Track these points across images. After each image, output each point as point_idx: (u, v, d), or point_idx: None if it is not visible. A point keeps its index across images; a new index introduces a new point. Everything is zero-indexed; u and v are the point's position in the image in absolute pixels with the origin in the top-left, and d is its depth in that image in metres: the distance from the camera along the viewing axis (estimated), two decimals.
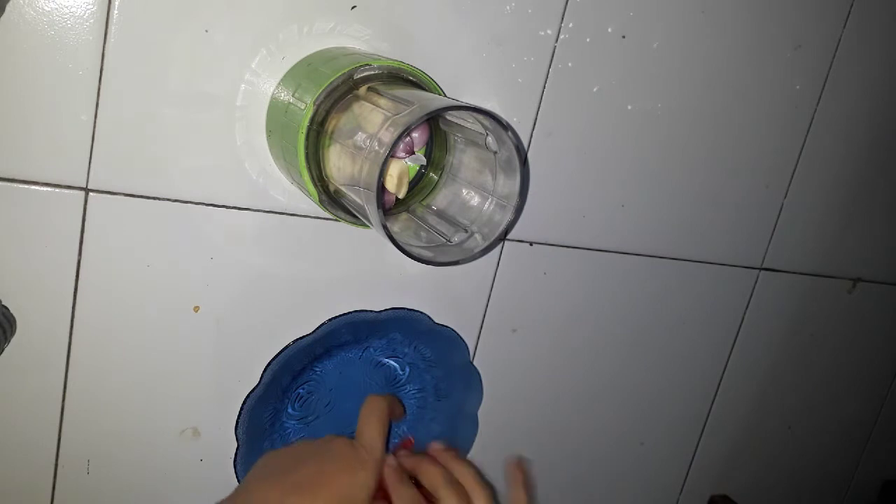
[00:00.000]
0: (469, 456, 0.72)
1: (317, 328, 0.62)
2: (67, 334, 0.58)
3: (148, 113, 0.55)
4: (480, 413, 0.72)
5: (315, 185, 0.51)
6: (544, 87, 0.67)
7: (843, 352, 1.00)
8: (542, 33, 0.66)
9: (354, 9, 0.58)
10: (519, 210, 0.50)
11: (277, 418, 0.65)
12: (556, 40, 0.67)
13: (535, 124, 0.68)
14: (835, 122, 0.84)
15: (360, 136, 0.47)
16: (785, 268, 0.89)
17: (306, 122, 0.49)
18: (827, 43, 0.80)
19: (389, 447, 0.69)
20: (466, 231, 0.52)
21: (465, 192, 0.55)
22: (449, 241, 0.52)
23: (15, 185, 0.53)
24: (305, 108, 0.50)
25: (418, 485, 0.57)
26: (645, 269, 0.80)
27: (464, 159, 0.56)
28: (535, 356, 0.78)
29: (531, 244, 0.73)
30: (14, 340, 0.56)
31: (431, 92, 0.53)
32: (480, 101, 0.65)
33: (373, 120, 0.47)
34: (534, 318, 0.76)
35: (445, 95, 0.56)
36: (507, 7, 0.63)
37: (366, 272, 0.66)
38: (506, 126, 0.47)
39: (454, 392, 0.71)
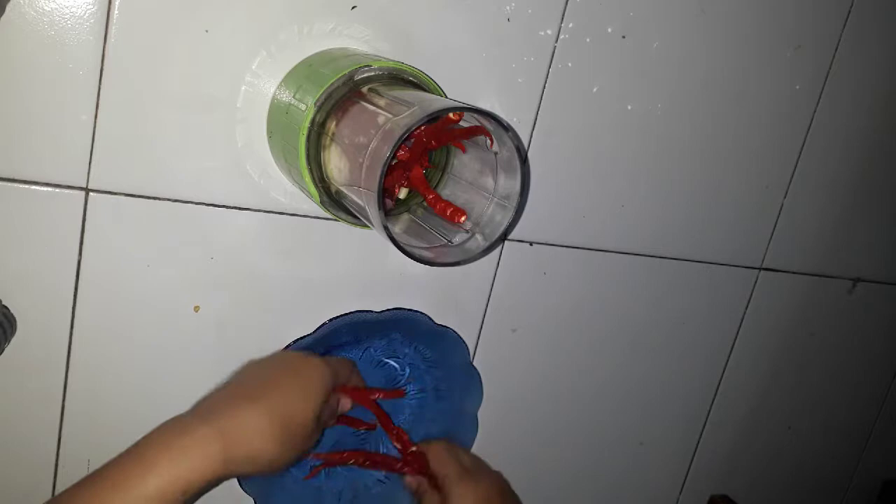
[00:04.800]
0: None
1: (317, 328, 0.62)
2: (67, 334, 0.58)
3: (148, 113, 0.55)
4: (480, 413, 0.72)
5: (316, 186, 0.51)
6: (544, 87, 0.67)
7: (843, 352, 1.00)
8: (542, 33, 0.66)
9: (354, 9, 0.58)
10: (519, 210, 0.50)
11: None
12: (556, 40, 0.67)
13: (535, 124, 0.68)
14: (835, 122, 0.84)
15: (360, 138, 0.47)
16: (785, 268, 0.89)
17: (307, 124, 0.49)
18: (827, 43, 0.80)
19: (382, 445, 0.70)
20: (467, 232, 0.52)
21: (465, 192, 0.55)
22: (450, 241, 0.52)
23: (15, 185, 0.53)
24: (306, 109, 0.50)
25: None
26: (645, 269, 0.80)
27: (464, 160, 0.56)
28: (535, 356, 0.78)
29: (531, 244, 0.73)
30: (14, 340, 0.55)
31: (432, 93, 0.53)
32: (480, 101, 0.65)
33: (374, 121, 0.47)
34: (534, 318, 0.76)
35: (446, 96, 0.56)
36: (508, 7, 0.63)
37: (366, 273, 0.66)
38: (506, 126, 0.47)
39: (454, 392, 0.71)
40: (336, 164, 0.50)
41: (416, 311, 0.66)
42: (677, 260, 0.81)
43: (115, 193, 0.56)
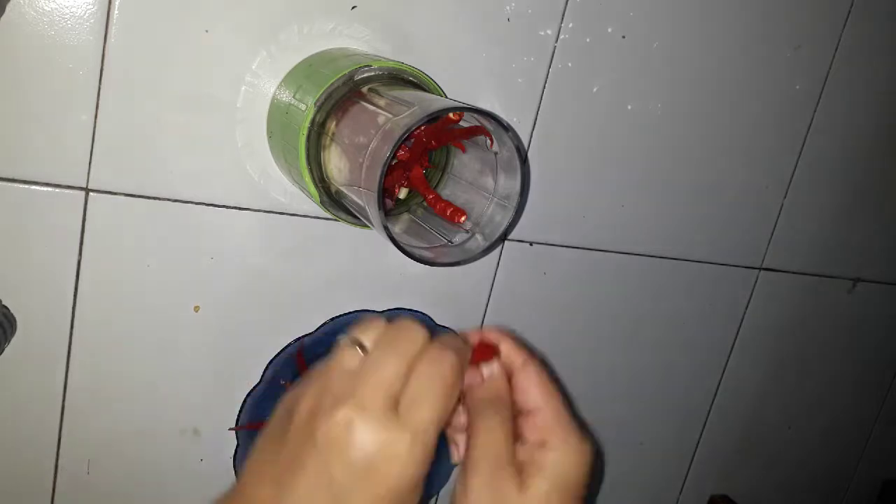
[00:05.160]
0: None
1: (318, 328, 0.62)
2: (67, 334, 0.58)
3: (148, 113, 0.55)
4: None
5: (316, 186, 0.51)
6: (544, 87, 0.67)
7: (843, 352, 1.00)
8: (542, 33, 0.66)
9: (355, 9, 0.58)
10: (519, 210, 0.50)
11: None
12: (556, 40, 0.67)
13: (535, 124, 0.68)
14: (835, 122, 0.84)
15: (360, 138, 0.47)
16: (785, 268, 0.89)
17: (307, 124, 0.49)
18: (827, 43, 0.80)
19: None
20: (467, 231, 0.52)
21: (465, 192, 0.55)
22: (450, 241, 0.52)
23: (15, 185, 0.53)
24: (306, 109, 0.50)
25: None
26: (645, 269, 0.80)
27: (464, 160, 0.56)
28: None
29: (531, 244, 0.73)
30: (14, 340, 0.55)
31: (432, 93, 0.53)
32: (480, 101, 0.65)
33: (374, 121, 0.47)
34: (534, 318, 0.76)
35: (446, 96, 0.56)
36: (508, 7, 0.63)
37: (366, 272, 0.66)
38: (506, 126, 0.47)
39: None
40: (336, 164, 0.50)
41: (417, 312, 0.66)
42: (677, 260, 0.81)
43: (115, 193, 0.56)
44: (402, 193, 0.54)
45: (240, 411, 0.61)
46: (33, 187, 0.53)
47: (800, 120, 0.82)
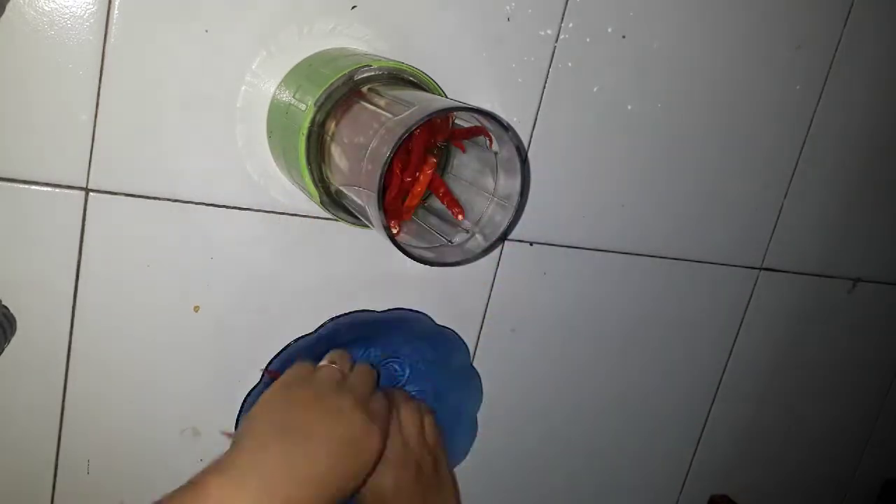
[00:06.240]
0: (468, 457, 0.72)
1: (318, 328, 0.62)
2: (67, 334, 0.58)
3: (148, 113, 0.55)
4: (480, 414, 0.72)
5: (316, 186, 0.51)
6: (544, 87, 0.67)
7: (843, 352, 1.00)
8: (542, 33, 0.66)
9: (354, 9, 0.58)
10: (520, 210, 0.50)
11: None
12: (556, 40, 0.67)
13: (535, 124, 0.68)
14: (835, 122, 0.84)
15: (360, 138, 0.47)
16: (785, 268, 0.89)
17: (307, 124, 0.49)
18: (827, 43, 0.80)
19: None
20: (467, 232, 0.52)
21: (465, 192, 0.55)
22: (450, 241, 0.52)
23: (15, 185, 0.53)
24: (306, 109, 0.50)
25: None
26: (645, 269, 0.80)
27: (465, 160, 0.56)
28: (534, 356, 0.78)
29: (531, 244, 0.73)
30: (14, 340, 0.55)
31: (432, 93, 0.53)
32: (480, 101, 0.65)
33: (373, 121, 0.47)
34: (534, 318, 0.76)
35: (446, 96, 0.56)
36: (508, 7, 0.63)
37: (366, 272, 0.66)
38: (506, 126, 0.47)
39: (454, 393, 0.71)
40: (336, 164, 0.50)
41: (417, 311, 0.66)
42: (677, 260, 0.81)
43: (115, 193, 0.56)
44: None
45: (240, 411, 0.61)
46: (33, 187, 0.53)
47: (800, 120, 0.82)
